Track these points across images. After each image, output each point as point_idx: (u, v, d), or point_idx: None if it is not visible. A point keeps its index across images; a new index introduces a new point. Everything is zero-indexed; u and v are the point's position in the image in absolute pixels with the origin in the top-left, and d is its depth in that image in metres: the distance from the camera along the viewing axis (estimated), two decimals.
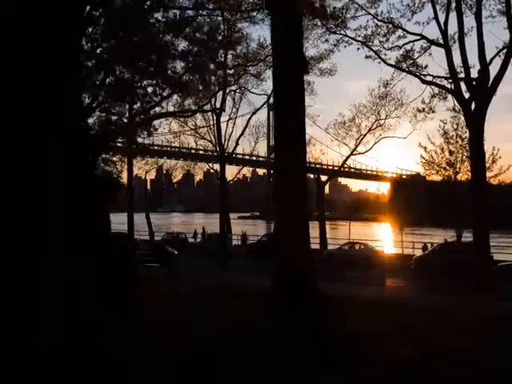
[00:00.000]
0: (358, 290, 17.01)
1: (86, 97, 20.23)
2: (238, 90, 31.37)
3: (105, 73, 16.22)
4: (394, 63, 24.63)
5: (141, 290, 17.05)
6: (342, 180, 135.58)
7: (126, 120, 21.73)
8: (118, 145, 28.63)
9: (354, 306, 12.07)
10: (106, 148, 23.40)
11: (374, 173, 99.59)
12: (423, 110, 26.69)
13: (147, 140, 35.09)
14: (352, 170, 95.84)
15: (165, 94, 21.17)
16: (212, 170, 41.12)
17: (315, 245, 37.26)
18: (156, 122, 30.73)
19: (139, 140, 29.76)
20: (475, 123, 20.12)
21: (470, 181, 27.70)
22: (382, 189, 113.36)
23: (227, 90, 30.47)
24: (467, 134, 24.30)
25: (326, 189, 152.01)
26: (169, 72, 15.36)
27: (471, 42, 21.32)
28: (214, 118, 32.67)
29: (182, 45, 15.75)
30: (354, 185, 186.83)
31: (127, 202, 29.52)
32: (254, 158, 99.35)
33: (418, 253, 31.06)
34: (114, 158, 26.99)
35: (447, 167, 29.77)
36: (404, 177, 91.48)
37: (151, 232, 41.18)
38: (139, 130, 27.25)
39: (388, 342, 8.43)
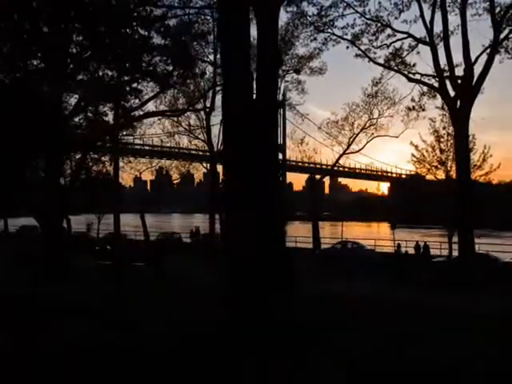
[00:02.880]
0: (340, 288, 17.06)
1: (73, 97, 20.48)
2: None
3: (89, 72, 16.30)
4: (383, 62, 24.75)
5: None
6: (342, 180, 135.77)
7: (112, 119, 21.73)
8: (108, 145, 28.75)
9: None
10: (94, 147, 23.58)
11: (374, 172, 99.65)
12: (413, 108, 26.83)
13: (139, 140, 35.26)
14: (351, 169, 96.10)
15: (149, 91, 21.31)
16: (206, 170, 41.06)
17: (309, 244, 37.58)
18: (148, 122, 30.89)
19: (130, 139, 29.84)
20: (460, 121, 20.14)
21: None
22: (382, 188, 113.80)
23: (217, 89, 30.39)
24: None
25: (326, 189, 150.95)
26: (144, 65, 15.41)
27: (458, 41, 21.39)
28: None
29: (155, 39, 15.81)
30: (354, 185, 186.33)
31: (114, 201, 29.51)
32: None
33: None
34: (104, 158, 27.17)
35: (439, 165, 29.61)
36: (404, 176, 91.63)
37: (146, 232, 41.13)
38: (129, 129, 27.36)
39: None
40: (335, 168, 65.55)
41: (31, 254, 23.46)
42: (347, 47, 25.07)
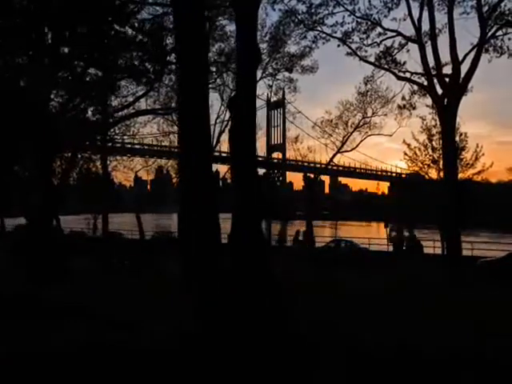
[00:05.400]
0: None
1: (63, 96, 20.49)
2: (218, 88, 31.38)
3: (71, 70, 16.35)
4: (374, 60, 24.67)
5: None
6: (343, 179, 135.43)
7: (97, 117, 21.76)
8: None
9: None
10: (83, 146, 23.67)
11: (374, 172, 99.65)
12: (404, 106, 26.87)
13: (133, 139, 35.30)
14: (351, 168, 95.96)
15: (139, 90, 21.33)
16: None
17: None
18: (142, 121, 30.91)
19: (123, 139, 29.87)
20: (447, 119, 20.11)
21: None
22: (382, 188, 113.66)
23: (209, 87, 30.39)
24: None
25: (326, 188, 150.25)
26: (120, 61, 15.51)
27: (447, 39, 21.31)
28: None
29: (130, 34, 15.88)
30: (355, 184, 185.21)
31: (105, 199, 29.58)
32: None
33: None
34: (95, 157, 27.24)
35: (431, 164, 29.59)
36: (403, 176, 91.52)
37: (141, 231, 41.26)
38: (121, 128, 27.39)
39: None
40: (334, 168, 65.46)
41: (24, 254, 23.52)
42: (338, 45, 25.01)
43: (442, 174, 28.94)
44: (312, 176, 41.08)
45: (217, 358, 7.04)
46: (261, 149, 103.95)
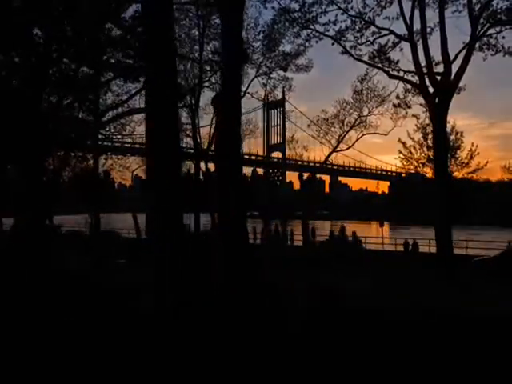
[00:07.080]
0: None
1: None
2: (213, 86, 31.39)
3: (58, 67, 16.41)
4: (367, 59, 24.59)
5: None
6: (343, 179, 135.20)
7: (92, 118, 21.82)
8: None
9: None
10: (76, 145, 23.68)
11: (373, 171, 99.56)
12: (399, 105, 26.83)
13: (132, 139, 35.36)
14: (351, 168, 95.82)
15: (132, 88, 21.37)
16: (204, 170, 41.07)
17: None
18: (138, 120, 30.89)
19: (118, 138, 29.94)
20: (438, 117, 20.11)
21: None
22: (382, 187, 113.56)
23: (204, 85, 30.46)
24: None
25: (327, 187, 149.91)
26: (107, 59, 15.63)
27: (439, 38, 21.25)
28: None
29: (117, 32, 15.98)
30: (355, 183, 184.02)
31: (97, 199, 29.64)
32: (253, 158, 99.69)
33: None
34: (88, 156, 27.28)
35: (426, 163, 29.50)
36: (403, 175, 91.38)
37: (138, 230, 41.26)
38: (115, 127, 27.44)
39: None
40: (334, 167, 65.32)
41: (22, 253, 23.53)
42: (332, 44, 24.93)
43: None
44: (309, 175, 41.02)
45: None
46: (260, 148, 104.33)
